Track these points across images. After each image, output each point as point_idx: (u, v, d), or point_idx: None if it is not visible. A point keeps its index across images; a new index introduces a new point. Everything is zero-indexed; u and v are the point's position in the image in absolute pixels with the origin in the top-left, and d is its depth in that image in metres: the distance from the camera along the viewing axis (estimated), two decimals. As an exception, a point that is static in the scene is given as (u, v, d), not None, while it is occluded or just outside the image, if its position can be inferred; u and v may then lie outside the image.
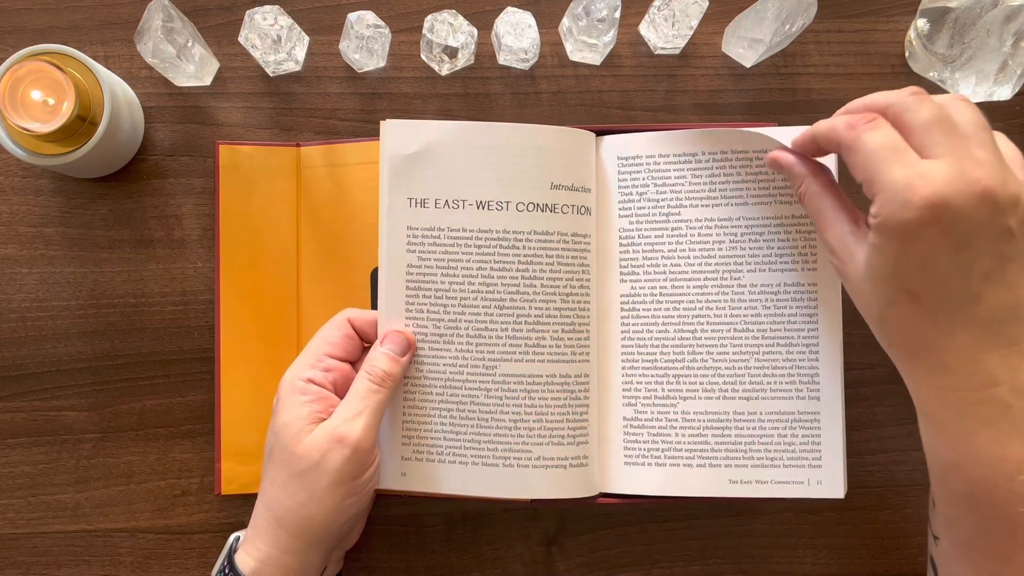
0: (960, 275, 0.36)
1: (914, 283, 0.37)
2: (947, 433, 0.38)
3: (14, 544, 0.52)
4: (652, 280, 0.48)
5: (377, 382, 0.44)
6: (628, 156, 0.49)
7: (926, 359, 0.38)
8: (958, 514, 0.39)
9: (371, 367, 0.44)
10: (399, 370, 0.45)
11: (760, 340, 0.47)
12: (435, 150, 0.47)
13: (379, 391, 0.44)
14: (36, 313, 0.52)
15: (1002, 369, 0.37)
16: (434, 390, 0.47)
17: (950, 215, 0.35)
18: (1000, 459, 0.37)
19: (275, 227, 0.51)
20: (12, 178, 0.53)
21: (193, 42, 0.50)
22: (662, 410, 0.48)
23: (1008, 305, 0.37)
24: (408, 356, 0.46)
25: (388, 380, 0.44)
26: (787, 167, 0.43)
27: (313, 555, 0.43)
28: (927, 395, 0.39)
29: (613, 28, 0.50)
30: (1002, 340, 0.37)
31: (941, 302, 0.37)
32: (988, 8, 0.48)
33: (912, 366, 0.39)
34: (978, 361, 0.37)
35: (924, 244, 0.36)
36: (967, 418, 0.37)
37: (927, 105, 0.37)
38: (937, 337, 0.38)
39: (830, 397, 0.46)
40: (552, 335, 0.46)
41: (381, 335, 0.46)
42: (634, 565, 0.52)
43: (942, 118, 0.37)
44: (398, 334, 0.46)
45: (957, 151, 0.36)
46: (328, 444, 0.42)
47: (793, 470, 0.46)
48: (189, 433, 0.52)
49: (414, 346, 0.46)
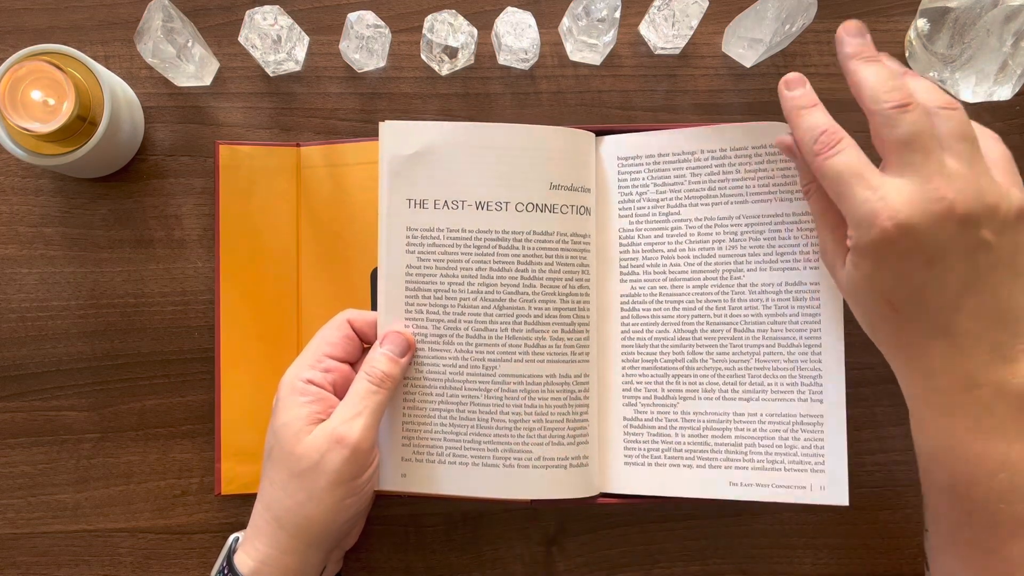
0: (937, 288, 0.38)
1: (892, 296, 0.39)
2: (930, 428, 0.40)
3: (14, 544, 0.52)
4: (652, 280, 0.48)
5: (376, 383, 0.44)
6: (628, 156, 0.49)
7: (912, 362, 0.40)
8: (942, 507, 0.40)
9: (370, 368, 0.44)
10: (398, 371, 0.45)
11: (761, 340, 0.47)
12: (434, 151, 0.47)
13: (378, 392, 0.44)
14: (36, 313, 0.52)
15: (985, 373, 0.38)
16: (434, 391, 0.47)
17: (914, 235, 0.37)
18: (980, 456, 0.38)
19: (275, 227, 0.51)
20: (12, 178, 0.53)
21: (193, 42, 0.50)
22: (662, 410, 0.48)
23: (992, 312, 0.38)
24: (407, 357, 0.46)
25: (387, 381, 0.44)
26: (798, 160, 0.44)
27: (312, 555, 0.43)
28: (914, 393, 0.40)
29: (613, 28, 0.50)
30: (985, 345, 0.38)
31: (920, 311, 0.38)
32: (988, 8, 0.48)
33: (899, 366, 0.41)
34: (960, 366, 0.38)
35: (894, 262, 0.38)
36: (948, 417, 0.39)
37: (908, 120, 0.37)
38: (919, 341, 0.39)
39: (833, 400, 0.46)
40: (552, 335, 0.46)
41: (380, 336, 0.46)
42: (634, 565, 0.52)
43: (917, 133, 0.37)
44: (397, 335, 0.46)
45: (926, 168, 0.37)
46: (327, 444, 0.42)
47: (795, 474, 0.46)
48: (189, 433, 0.52)
49: (413, 347, 0.46)
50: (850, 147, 0.39)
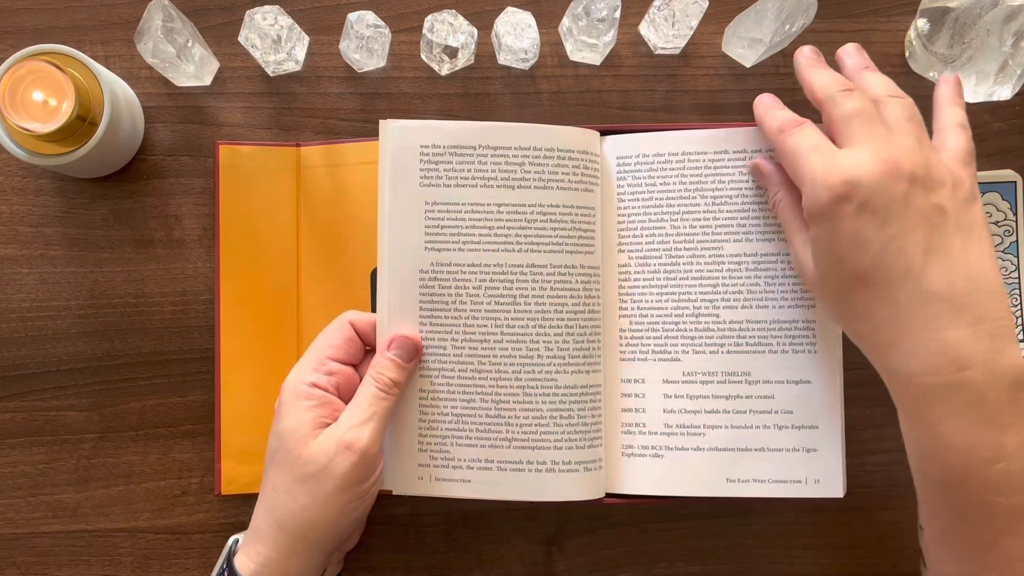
0: (897, 250, 0.38)
1: (856, 263, 0.39)
2: (920, 422, 0.38)
3: (14, 544, 0.52)
4: (649, 278, 0.48)
5: (384, 389, 0.44)
6: (627, 156, 0.49)
7: (893, 348, 0.39)
8: (936, 502, 0.40)
9: (378, 374, 0.44)
10: (406, 377, 0.45)
11: (757, 337, 0.47)
12: (437, 150, 0.47)
13: (386, 398, 0.44)
14: (36, 313, 0.52)
15: (972, 348, 0.37)
16: (450, 394, 0.46)
17: (863, 191, 0.38)
18: (974, 447, 0.37)
19: (275, 227, 0.51)
20: (12, 178, 0.53)
21: (193, 42, 0.50)
22: (660, 406, 0.48)
23: (963, 277, 0.37)
24: (415, 361, 0.46)
25: (395, 388, 0.44)
26: (766, 175, 0.46)
27: (314, 558, 0.43)
28: (901, 385, 0.39)
29: (613, 28, 0.50)
30: (965, 317, 0.37)
31: (887, 279, 0.38)
32: (988, 8, 0.48)
33: (881, 357, 0.40)
34: (941, 340, 0.37)
35: (847, 222, 0.38)
36: (937, 406, 0.37)
37: (852, 98, 0.41)
38: (896, 315, 0.38)
39: (828, 395, 0.46)
40: (566, 344, 0.46)
41: (388, 338, 0.46)
42: (634, 565, 0.52)
43: (863, 111, 0.40)
44: (405, 339, 0.46)
45: (874, 138, 0.39)
46: (335, 449, 0.42)
47: (791, 468, 0.46)
48: (189, 433, 0.52)
49: (421, 350, 0.46)
50: (811, 127, 0.42)
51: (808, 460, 0.46)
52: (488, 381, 0.46)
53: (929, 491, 0.40)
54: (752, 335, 0.47)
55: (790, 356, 0.47)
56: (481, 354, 0.46)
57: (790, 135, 0.41)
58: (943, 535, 0.40)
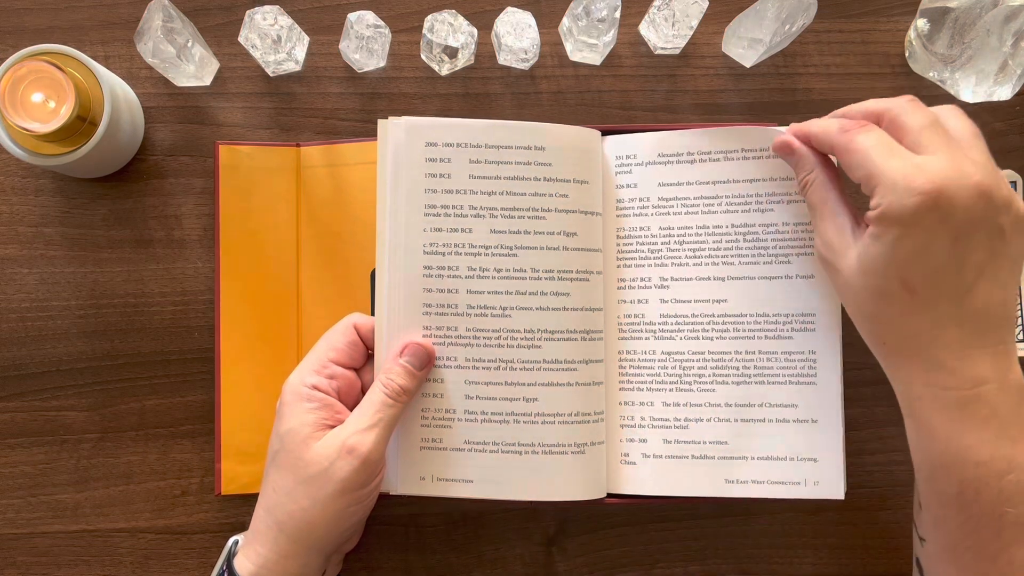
0: (955, 267, 0.37)
1: (910, 273, 0.38)
2: (938, 434, 0.38)
3: (14, 544, 0.52)
4: (647, 279, 0.48)
5: (393, 396, 0.44)
6: (627, 156, 0.49)
7: (918, 355, 0.39)
8: (946, 515, 0.39)
9: (388, 380, 0.44)
10: (416, 384, 0.45)
11: (757, 339, 0.47)
12: (439, 148, 0.47)
13: (394, 405, 0.44)
14: (36, 313, 0.52)
15: (991, 367, 0.38)
16: (452, 395, 0.46)
17: (948, 205, 0.36)
18: (989, 460, 0.37)
19: (275, 227, 0.51)
20: (12, 178, 0.53)
21: (193, 42, 0.50)
22: (658, 406, 0.48)
23: (997, 303, 0.38)
24: (426, 370, 0.46)
25: (404, 395, 0.44)
26: (797, 153, 0.44)
27: (313, 560, 0.43)
28: (919, 393, 0.39)
29: (613, 28, 0.50)
30: (991, 338, 0.38)
31: (936, 294, 0.38)
32: (988, 8, 0.48)
33: (902, 363, 0.40)
34: (968, 356, 0.38)
35: (923, 232, 0.37)
36: (958, 419, 0.38)
37: (923, 110, 0.39)
38: (929, 330, 0.38)
39: (829, 395, 0.46)
40: (569, 344, 0.46)
41: (400, 345, 0.46)
42: (634, 565, 0.52)
43: (936, 122, 0.39)
44: (419, 347, 0.45)
45: (952, 149, 0.38)
46: (338, 453, 0.42)
47: (791, 470, 0.46)
48: (189, 433, 0.52)
49: (434, 358, 0.46)
50: (878, 129, 0.40)
51: (808, 461, 0.46)
52: (491, 381, 0.46)
53: (940, 504, 0.39)
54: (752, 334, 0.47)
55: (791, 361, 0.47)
56: (484, 355, 0.46)
57: (858, 133, 0.39)
58: (950, 548, 0.40)
